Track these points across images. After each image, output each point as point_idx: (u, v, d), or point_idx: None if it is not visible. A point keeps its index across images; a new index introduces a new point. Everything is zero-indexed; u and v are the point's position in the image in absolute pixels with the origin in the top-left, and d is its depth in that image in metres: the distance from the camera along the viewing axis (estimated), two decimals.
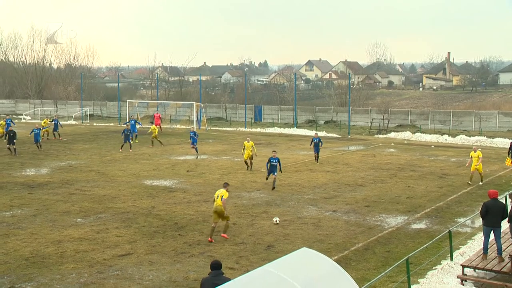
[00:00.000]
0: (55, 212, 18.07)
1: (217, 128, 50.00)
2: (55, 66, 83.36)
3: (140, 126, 40.84)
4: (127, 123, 37.46)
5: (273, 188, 21.68)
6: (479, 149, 25.65)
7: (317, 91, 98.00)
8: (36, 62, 77.96)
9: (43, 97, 72.56)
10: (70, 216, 17.67)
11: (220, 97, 74.60)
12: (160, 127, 47.42)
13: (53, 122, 40.26)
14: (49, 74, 78.48)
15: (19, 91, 75.27)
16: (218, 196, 15.08)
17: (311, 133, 44.73)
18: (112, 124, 53.66)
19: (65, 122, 55.25)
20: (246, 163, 26.37)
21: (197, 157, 30.71)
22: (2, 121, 39.81)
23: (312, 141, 28.80)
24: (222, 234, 15.30)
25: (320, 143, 28.76)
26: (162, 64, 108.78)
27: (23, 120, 57.57)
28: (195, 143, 31.57)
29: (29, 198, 20.15)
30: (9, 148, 31.58)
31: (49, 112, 62.62)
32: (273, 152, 22.66)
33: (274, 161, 22.02)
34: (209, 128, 49.32)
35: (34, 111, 64.63)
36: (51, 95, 70.92)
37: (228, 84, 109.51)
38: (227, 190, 15.22)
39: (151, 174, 25.51)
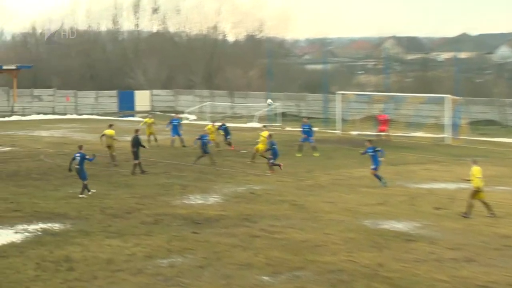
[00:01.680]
0: (230, 264, 19.02)
1: (485, 139, 48.42)
2: (231, 39, 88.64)
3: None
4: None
5: None
6: None
7: None
8: (205, 33, 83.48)
9: (214, 86, 77.25)
10: (252, 271, 18.44)
11: (491, 86, 71.98)
12: (389, 135, 47.46)
13: (220, 129, 42.98)
14: (223, 51, 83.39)
15: (181, 77, 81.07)
16: None
17: None
18: (316, 128, 54.60)
19: (243, 126, 58.45)
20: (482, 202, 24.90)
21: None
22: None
23: None
24: None
25: None
26: (394, 34, 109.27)
27: (185, 121, 62.25)
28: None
29: (194, 240, 21.54)
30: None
31: (222, 109, 66.73)
32: None
33: None
34: (471, 138, 47.93)
35: (201, 107, 69.19)
36: (225, 83, 75.16)
37: (505, 64, 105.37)
38: None
39: (376, 211, 25.58)
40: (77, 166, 28.25)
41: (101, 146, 38.24)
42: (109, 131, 37.32)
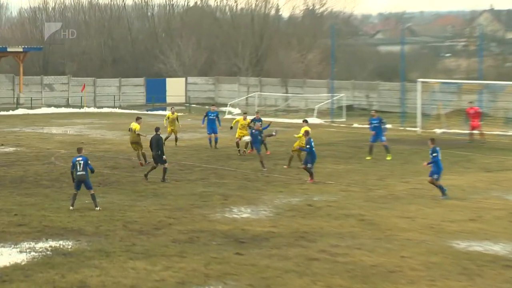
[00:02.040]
0: None
1: None
2: (285, 14, 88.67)
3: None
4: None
5: None
6: None
7: None
8: (253, 8, 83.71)
9: (263, 72, 77.26)
10: None
11: None
12: (483, 133, 46.85)
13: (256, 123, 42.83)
14: (275, 29, 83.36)
15: (223, 61, 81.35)
16: None
17: None
18: (390, 126, 54.05)
19: (298, 122, 58.33)
20: None
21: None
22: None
23: None
24: None
25: None
26: (492, 6, 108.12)
27: (227, 116, 62.33)
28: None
29: (237, 263, 21.47)
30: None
31: (273, 101, 66.73)
32: None
33: None
34: None
35: (248, 98, 69.20)
36: (277, 70, 75.15)
37: None
38: None
39: (467, 229, 25.29)
40: (82, 172, 27.99)
41: (126, 146, 38.41)
42: (134, 125, 37.23)
